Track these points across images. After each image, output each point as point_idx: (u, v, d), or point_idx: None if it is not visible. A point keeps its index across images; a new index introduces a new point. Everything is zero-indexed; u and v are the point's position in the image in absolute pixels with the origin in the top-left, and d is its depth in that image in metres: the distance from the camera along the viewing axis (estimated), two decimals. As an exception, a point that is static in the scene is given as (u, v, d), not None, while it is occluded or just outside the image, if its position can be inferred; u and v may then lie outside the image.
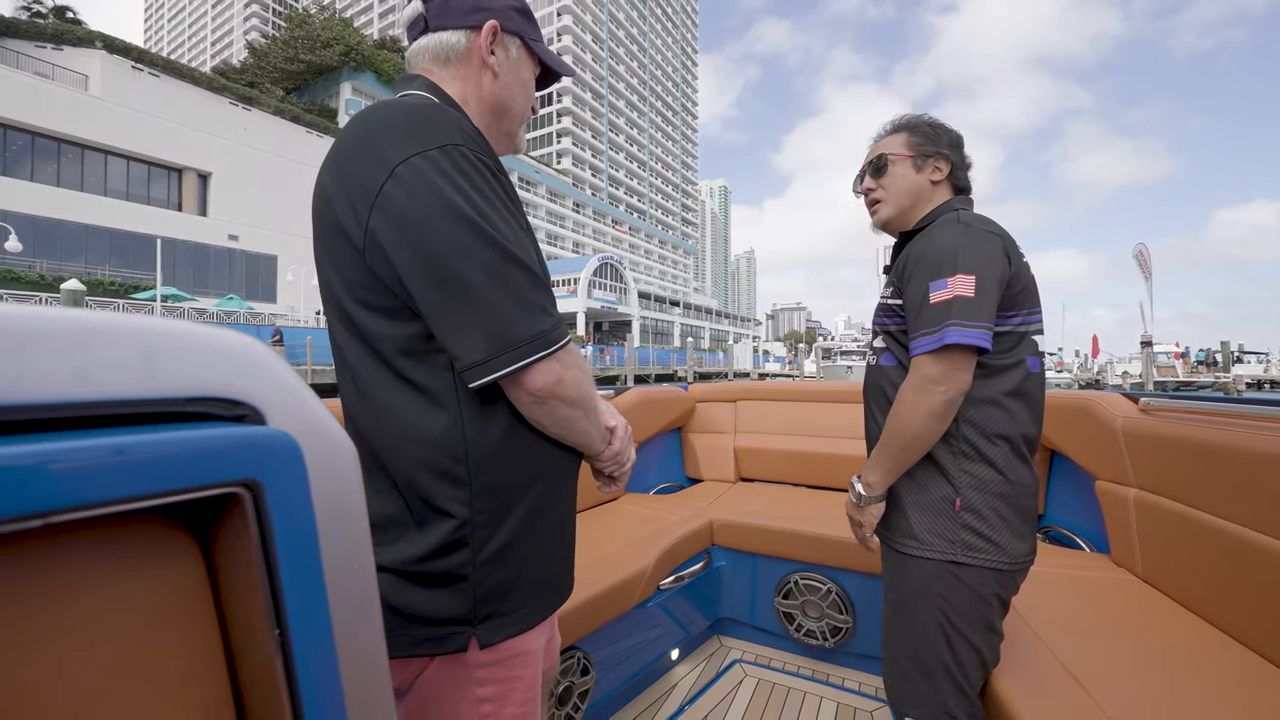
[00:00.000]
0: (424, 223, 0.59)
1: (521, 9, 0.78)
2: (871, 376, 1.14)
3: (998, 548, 0.98)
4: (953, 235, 0.97)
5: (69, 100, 20.79)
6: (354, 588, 0.35)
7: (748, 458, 2.75)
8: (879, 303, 1.13)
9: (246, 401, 0.32)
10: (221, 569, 0.32)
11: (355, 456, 0.36)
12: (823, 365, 33.94)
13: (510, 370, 0.61)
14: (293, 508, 0.32)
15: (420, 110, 0.63)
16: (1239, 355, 31.06)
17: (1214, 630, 1.26)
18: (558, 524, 0.75)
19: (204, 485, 0.29)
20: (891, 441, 1.01)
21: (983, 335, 0.92)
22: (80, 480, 0.24)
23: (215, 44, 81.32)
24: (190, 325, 0.31)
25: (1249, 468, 1.22)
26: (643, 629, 1.77)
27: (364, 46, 31.13)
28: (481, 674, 0.67)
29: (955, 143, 1.11)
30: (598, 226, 57.97)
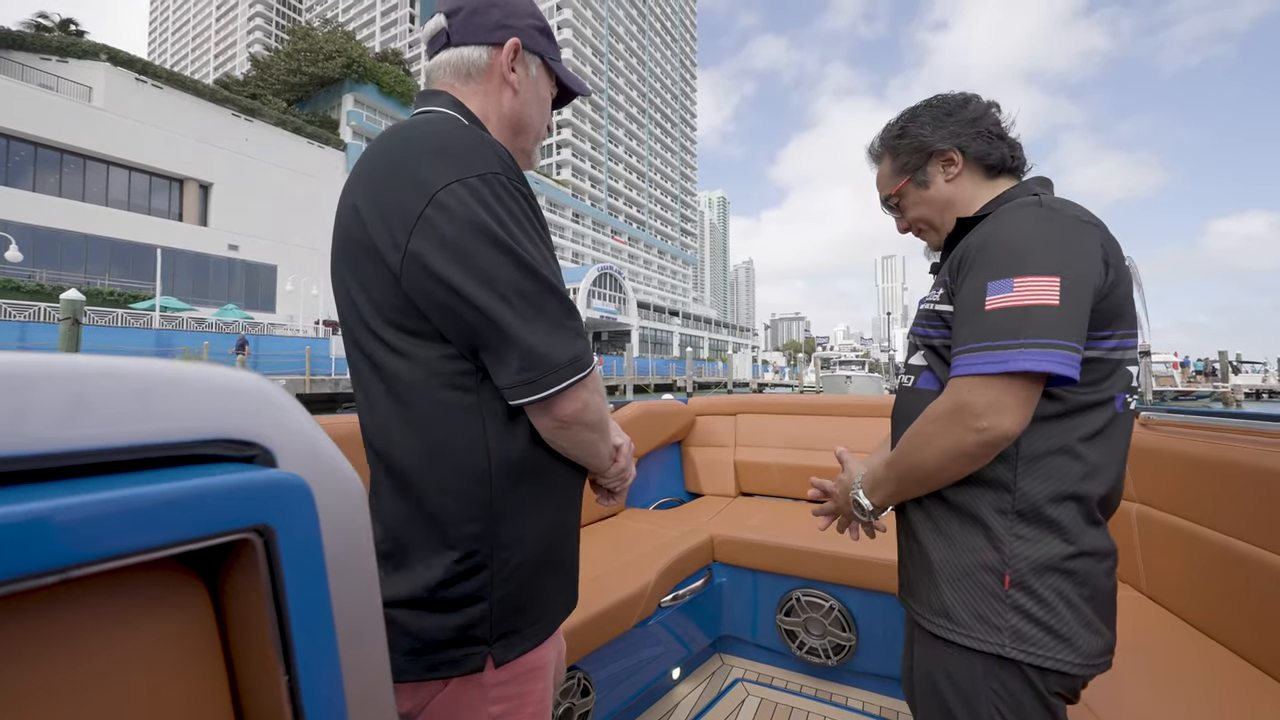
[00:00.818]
0: (465, 249, 0.60)
1: (543, 29, 0.78)
2: (906, 400, 0.90)
3: (1063, 642, 0.72)
4: (1029, 221, 0.73)
5: (72, 111, 20.96)
6: (361, 627, 0.35)
7: (748, 472, 2.73)
8: (921, 308, 0.88)
9: (257, 442, 0.32)
10: (231, 614, 0.32)
11: (364, 495, 0.37)
12: (822, 375, 33.99)
13: (552, 392, 0.62)
14: (304, 552, 0.32)
15: (454, 133, 0.64)
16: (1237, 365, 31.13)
17: (1221, 649, 1.25)
18: (567, 539, 0.76)
19: (216, 533, 0.28)
20: (900, 466, 0.82)
21: (1067, 360, 0.67)
22: (91, 535, 0.24)
23: (219, 56, 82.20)
24: (199, 367, 0.31)
25: (1254, 483, 1.22)
26: (644, 648, 1.75)
27: (366, 59, 31.48)
28: (495, 692, 0.67)
29: (943, 115, 0.87)
30: (597, 237, 58.26)
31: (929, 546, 0.82)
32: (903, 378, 0.93)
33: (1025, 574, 0.74)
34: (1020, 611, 0.73)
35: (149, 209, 23.34)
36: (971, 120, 0.86)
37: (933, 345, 0.84)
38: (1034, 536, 0.74)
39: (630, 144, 70.26)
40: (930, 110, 0.89)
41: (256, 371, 0.34)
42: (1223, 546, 1.27)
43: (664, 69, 78.56)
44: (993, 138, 0.86)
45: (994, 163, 0.86)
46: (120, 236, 21.81)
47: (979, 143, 0.85)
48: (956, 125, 0.86)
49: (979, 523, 0.77)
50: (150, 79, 23.49)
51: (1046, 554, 0.73)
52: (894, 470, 0.83)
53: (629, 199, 69.30)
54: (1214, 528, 1.31)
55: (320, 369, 18.04)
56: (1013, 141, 0.87)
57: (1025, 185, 0.85)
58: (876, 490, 0.88)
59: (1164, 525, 1.49)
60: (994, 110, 0.88)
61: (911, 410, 0.87)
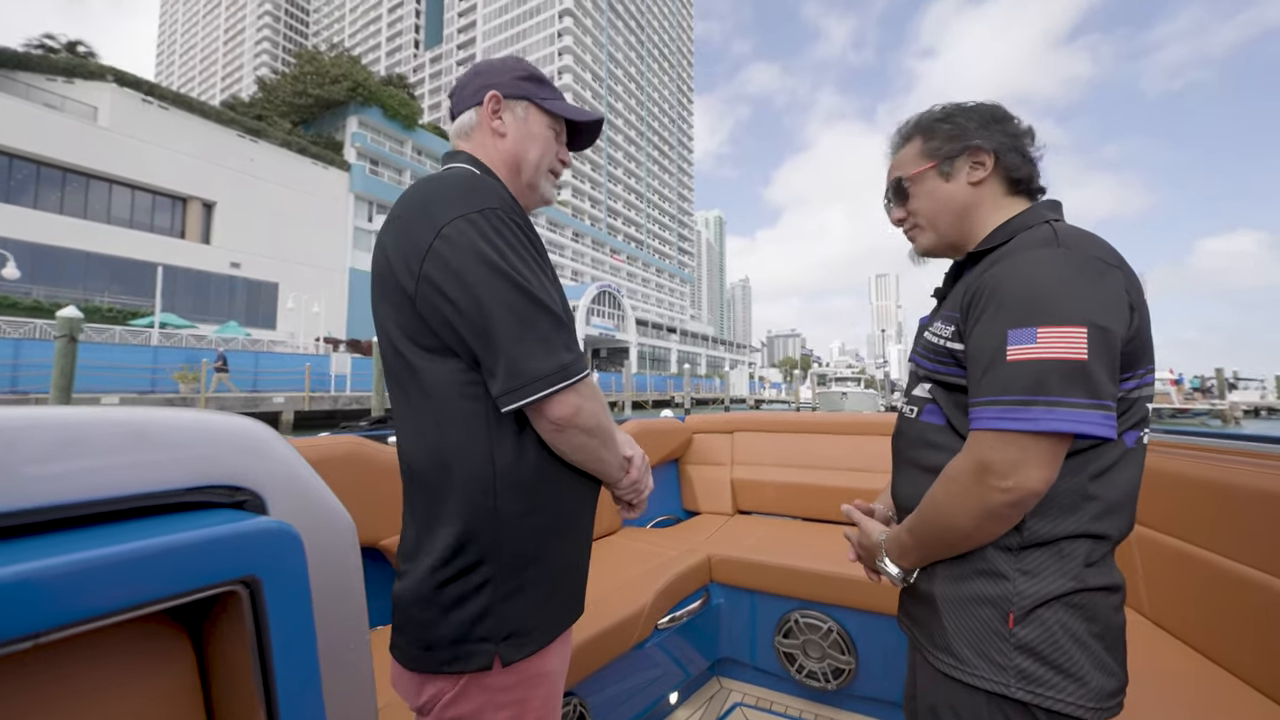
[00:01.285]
0: (464, 272, 0.70)
1: (527, 76, 0.89)
2: (909, 431, 0.87)
3: (1074, 682, 0.69)
4: (1050, 264, 0.68)
5: (77, 131, 21.22)
6: (349, 671, 0.34)
7: (745, 490, 2.72)
8: (925, 339, 0.85)
9: (247, 487, 0.31)
10: (214, 665, 0.31)
11: (354, 535, 0.36)
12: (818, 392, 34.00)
13: (536, 398, 0.70)
14: (291, 601, 0.31)
15: (461, 180, 0.76)
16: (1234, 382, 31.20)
17: (1227, 675, 1.23)
18: (575, 547, 0.82)
19: (205, 586, 0.27)
20: (927, 532, 0.77)
21: (1100, 420, 0.64)
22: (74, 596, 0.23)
23: (225, 79, 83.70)
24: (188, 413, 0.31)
25: (1255, 507, 1.21)
26: (641, 671, 1.72)
27: (371, 82, 32.09)
28: (502, 697, 0.73)
29: (990, 119, 0.83)
30: (596, 255, 58.74)
31: (932, 579, 0.80)
32: (904, 406, 0.90)
33: (1031, 611, 0.71)
34: (1026, 650, 0.70)
35: (151, 226, 23.49)
36: (1013, 134, 0.83)
37: (940, 380, 0.81)
38: (1040, 572, 0.71)
39: (629, 165, 71.36)
40: (978, 110, 0.85)
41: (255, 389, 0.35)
42: (1226, 570, 1.26)
43: (661, 94, 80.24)
44: (1024, 155, 0.83)
45: (1020, 178, 0.83)
46: (121, 254, 21.90)
47: (1014, 155, 0.82)
48: (1000, 133, 0.82)
49: (983, 558, 0.74)
50: (156, 100, 23.86)
51: (1053, 590, 0.71)
52: (919, 537, 0.79)
53: (627, 219, 70.08)
54: (1217, 551, 1.31)
55: (320, 386, 17.96)
56: (1037, 166, 0.84)
57: (1037, 210, 0.81)
58: (904, 557, 0.83)
59: (1166, 549, 1.48)
60: (1030, 135, 0.85)
61: (912, 443, 0.85)
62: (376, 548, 1.54)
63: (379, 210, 32.53)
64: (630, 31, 72.44)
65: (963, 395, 0.77)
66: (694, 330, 66.38)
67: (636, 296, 64.57)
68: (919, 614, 0.84)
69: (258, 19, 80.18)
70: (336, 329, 28.52)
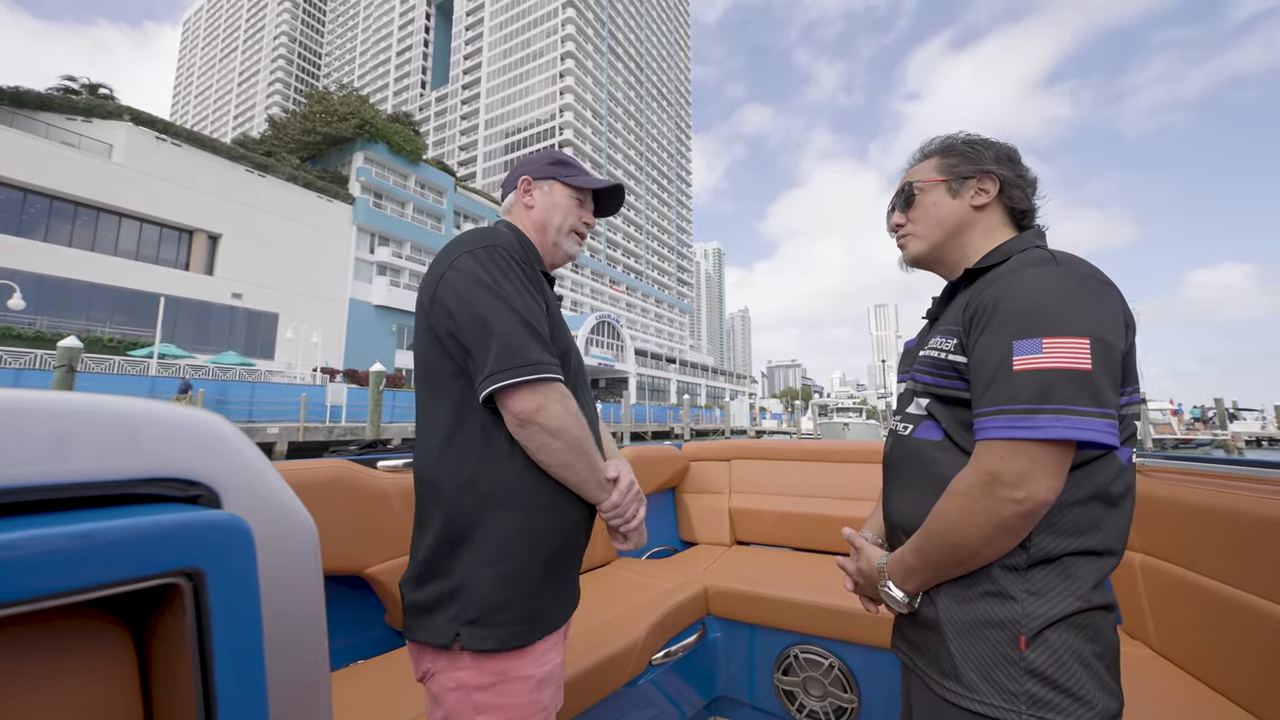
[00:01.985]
0: (461, 290, 0.86)
1: (555, 161, 1.10)
2: (902, 449, 0.86)
3: (1082, 705, 0.68)
4: (1051, 279, 0.71)
5: (90, 167, 21.76)
6: (301, 677, 0.32)
7: (743, 519, 2.67)
8: (923, 355, 0.85)
9: (202, 482, 0.30)
10: (156, 662, 0.30)
11: (315, 537, 0.34)
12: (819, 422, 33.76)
13: (499, 385, 0.82)
14: (236, 598, 0.29)
15: (482, 231, 0.95)
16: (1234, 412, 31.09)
17: (1234, 707, 1.18)
18: (554, 557, 0.89)
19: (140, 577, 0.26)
20: (935, 550, 0.75)
21: (1105, 428, 0.65)
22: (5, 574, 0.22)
23: (238, 117, 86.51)
24: (142, 403, 0.29)
25: (1258, 533, 1.19)
26: (633, 711, 1.64)
27: (378, 120, 33.09)
28: (479, 698, 0.82)
29: (1004, 156, 0.88)
30: (595, 286, 59.39)
31: (936, 603, 0.77)
32: (897, 425, 0.89)
33: (1039, 633, 0.69)
34: (1036, 674, 0.69)
35: (156, 258, 23.81)
36: (1021, 174, 0.88)
37: (939, 394, 0.81)
38: (1047, 593, 0.70)
39: (628, 198, 72.95)
40: (996, 146, 0.90)
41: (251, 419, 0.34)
42: (1231, 599, 1.22)
43: (660, 129, 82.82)
44: (1026, 192, 0.88)
45: (1020, 209, 0.87)
46: (125, 285, 22.13)
47: (1018, 190, 0.87)
48: (1011, 169, 0.87)
49: (989, 578, 0.72)
50: (170, 137, 24.57)
51: (1060, 610, 0.69)
52: (926, 556, 0.76)
53: (627, 249, 71.20)
54: (1221, 579, 1.27)
55: (315, 416, 17.84)
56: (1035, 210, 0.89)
57: (1027, 237, 0.84)
58: (909, 580, 0.80)
59: (1170, 577, 1.44)
60: (1034, 185, 0.90)
61: (908, 460, 0.84)
62: (362, 576, 1.49)
63: (380, 242, 33.04)
64: (630, 72, 75.35)
65: (963, 409, 0.77)
66: (693, 360, 66.48)
67: (636, 327, 64.94)
68: (920, 640, 0.80)
69: (272, 62, 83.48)
70: (334, 359, 28.53)
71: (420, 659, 0.87)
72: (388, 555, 1.54)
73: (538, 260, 1.01)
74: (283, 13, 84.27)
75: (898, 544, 0.85)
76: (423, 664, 0.87)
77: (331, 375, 23.82)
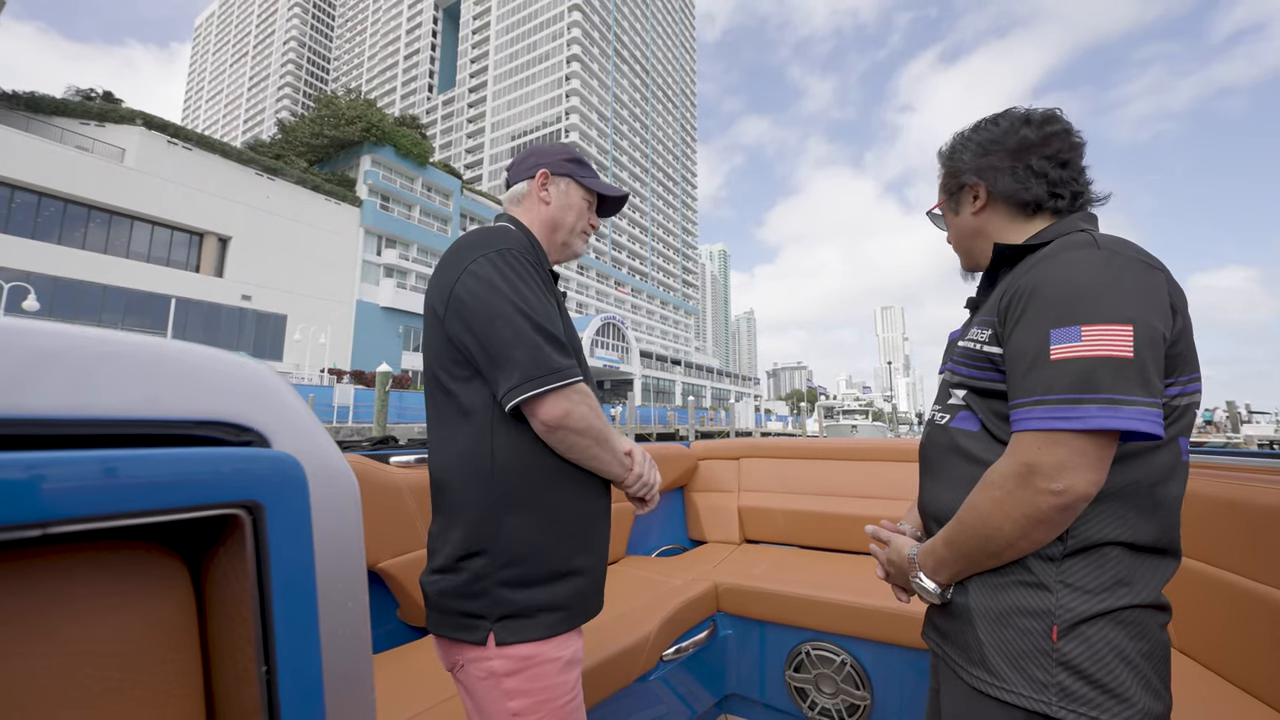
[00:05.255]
0: (478, 296, 0.86)
1: (571, 158, 1.08)
2: (939, 437, 0.84)
3: (1120, 703, 0.64)
4: (1091, 264, 0.67)
5: (104, 171, 22.08)
6: (346, 626, 0.33)
7: (752, 518, 2.66)
8: (958, 347, 0.83)
9: (253, 428, 0.31)
10: (211, 599, 0.31)
11: (357, 490, 0.35)
12: (826, 425, 33.58)
13: (528, 396, 0.82)
14: (293, 533, 0.31)
15: (491, 231, 0.94)
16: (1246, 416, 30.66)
17: (1261, 705, 1.16)
18: (578, 547, 0.91)
19: (204, 504, 0.27)
20: (967, 541, 0.72)
21: (1148, 416, 0.62)
22: (72, 494, 0.23)
23: (248, 121, 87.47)
24: (201, 349, 0.31)
25: (1274, 525, 1.18)
26: (644, 707, 1.64)
27: (385, 124, 33.34)
28: (509, 684, 0.83)
29: (991, 144, 0.82)
30: (601, 288, 59.50)
31: (967, 592, 0.75)
32: (935, 414, 0.87)
33: (1075, 625, 0.66)
34: (1069, 667, 0.66)
35: (168, 260, 24.13)
36: (1014, 152, 0.80)
37: (976, 387, 0.78)
38: (1086, 585, 0.67)
39: (633, 200, 73.07)
40: (980, 134, 0.84)
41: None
42: (1250, 593, 1.21)
43: (665, 132, 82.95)
44: (1031, 174, 0.79)
45: (1027, 200, 0.80)
46: (137, 287, 22.41)
47: (1008, 180, 0.80)
48: (995, 158, 0.81)
49: (1024, 567, 0.70)
50: (181, 141, 24.88)
51: (1100, 605, 0.66)
52: (958, 548, 0.74)
53: (632, 251, 71.29)
54: (1240, 573, 1.26)
55: (323, 417, 17.97)
56: (1062, 177, 0.79)
57: (1072, 220, 0.78)
58: (940, 571, 0.78)
59: (1188, 572, 1.42)
60: (1056, 138, 0.79)
61: (945, 448, 0.82)
62: (374, 570, 1.50)
63: (387, 244, 33.26)
64: (635, 75, 75.56)
65: (999, 401, 0.75)
66: (699, 362, 66.42)
67: (641, 329, 64.99)
68: (950, 629, 0.78)
69: (281, 66, 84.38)
70: (342, 361, 28.73)
71: (449, 652, 0.89)
72: (400, 550, 1.55)
73: (545, 259, 1.01)
74: (292, 18, 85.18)
75: (931, 534, 0.83)
76: (451, 656, 0.89)
77: (339, 376, 23.98)
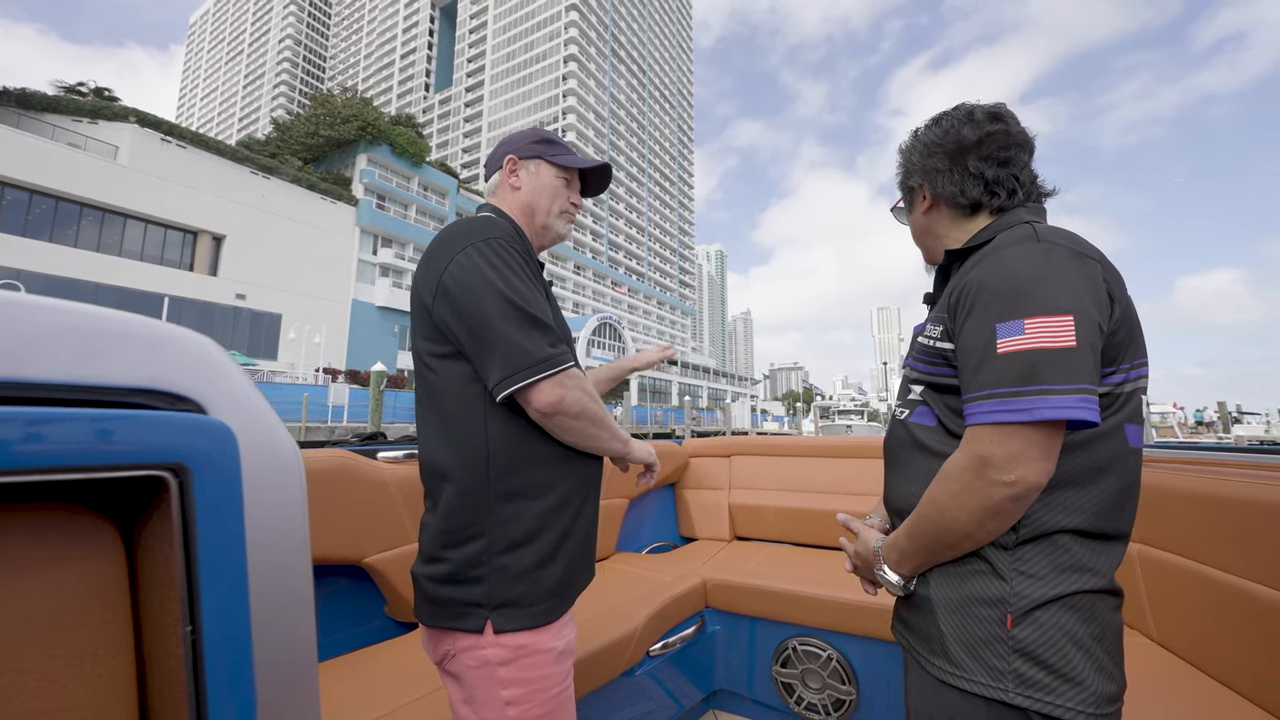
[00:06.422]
0: (467, 285, 0.86)
1: (540, 140, 1.07)
2: (900, 433, 0.87)
3: (1074, 686, 0.67)
4: (1029, 257, 0.69)
5: (96, 168, 21.93)
6: (285, 592, 0.33)
7: (743, 515, 2.67)
8: (917, 343, 0.85)
9: (190, 397, 0.30)
10: (143, 563, 0.31)
11: (301, 465, 0.35)
12: (821, 425, 33.67)
13: (521, 385, 0.82)
14: (222, 498, 0.30)
15: (476, 221, 0.95)
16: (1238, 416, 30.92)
17: (1238, 698, 1.18)
18: (571, 529, 0.92)
19: (126, 465, 0.27)
20: (926, 534, 0.75)
21: (1085, 404, 0.64)
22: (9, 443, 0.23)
23: (243, 119, 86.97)
24: (143, 320, 0.30)
25: (1255, 519, 1.19)
26: (630, 702, 1.64)
27: (381, 122, 33.24)
28: (503, 673, 0.83)
29: (935, 146, 0.85)
30: (597, 288, 59.48)
31: (929, 583, 0.78)
32: (897, 409, 0.90)
33: (1029, 612, 0.68)
34: (1024, 653, 0.68)
35: (161, 259, 23.99)
36: (952, 154, 0.82)
37: (931, 383, 0.81)
38: (1038, 572, 0.69)
39: (630, 200, 73.10)
40: (927, 134, 0.87)
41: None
42: (1235, 589, 1.22)
43: (662, 133, 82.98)
44: (967, 176, 0.81)
45: (965, 203, 0.83)
46: (130, 285, 22.27)
47: (946, 182, 0.83)
48: (937, 160, 0.84)
49: (979, 557, 0.73)
50: (175, 139, 24.72)
51: (1052, 591, 0.68)
52: (918, 540, 0.76)
53: (629, 251, 71.29)
54: (1219, 567, 1.27)
55: (317, 416, 17.89)
56: (1000, 176, 0.80)
57: (1016, 214, 0.79)
58: (903, 563, 0.80)
59: (1168, 566, 1.44)
60: (993, 137, 0.80)
61: (905, 442, 0.85)
62: (362, 565, 1.50)
63: (383, 243, 33.15)
64: (633, 75, 75.56)
65: (953, 396, 0.77)
66: (695, 362, 66.45)
67: (638, 328, 64.97)
68: (915, 621, 0.81)
69: (277, 64, 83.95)
70: (337, 360, 28.62)
71: (439, 643, 0.88)
72: (388, 545, 1.55)
73: (530, 246, 1.00)
74: (288, 16, 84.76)
75: (896, 527, 0.85)
76: (442, 647, 0.88)
77: (334, 376, 23.89)
